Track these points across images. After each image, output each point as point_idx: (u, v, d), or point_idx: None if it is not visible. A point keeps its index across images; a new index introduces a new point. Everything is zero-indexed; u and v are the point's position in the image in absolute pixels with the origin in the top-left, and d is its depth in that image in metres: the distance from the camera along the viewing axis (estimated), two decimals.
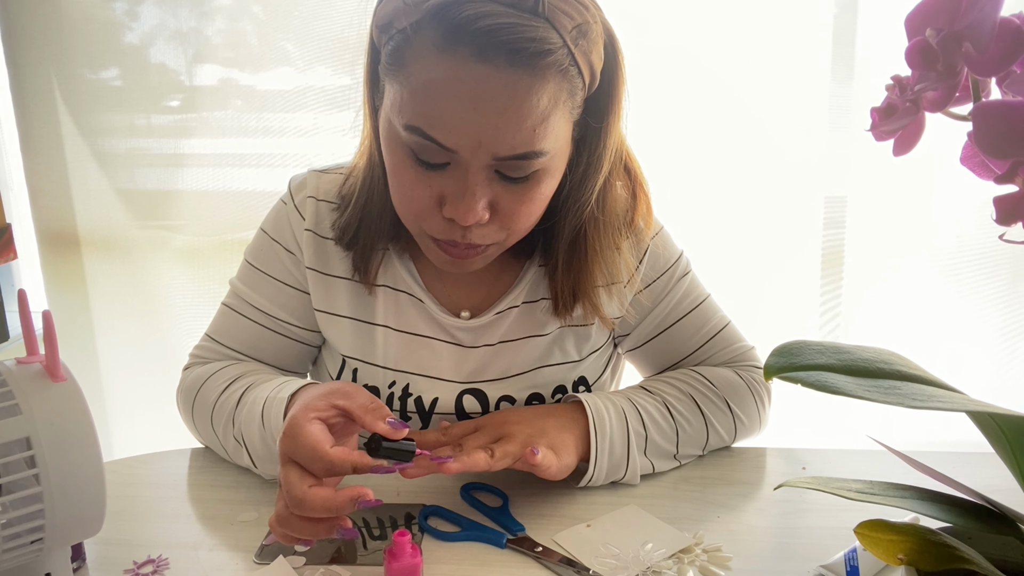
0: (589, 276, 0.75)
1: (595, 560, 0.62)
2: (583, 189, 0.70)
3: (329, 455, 0.55)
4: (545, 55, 0.58)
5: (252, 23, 1.37)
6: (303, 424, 0.57)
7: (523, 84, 0.58)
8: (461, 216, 0.63)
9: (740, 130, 1.27)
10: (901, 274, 1.32)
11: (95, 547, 0.65)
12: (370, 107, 0.70)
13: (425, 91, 0.59)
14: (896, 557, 0.45)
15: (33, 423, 0.49)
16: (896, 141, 0.43)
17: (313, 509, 0.55)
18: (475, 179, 0.62)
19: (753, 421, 0.81)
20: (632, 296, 0.81)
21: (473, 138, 0.60)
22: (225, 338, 0.82)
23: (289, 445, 0.57)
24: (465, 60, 0.57)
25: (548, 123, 0.61)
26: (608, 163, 0.70)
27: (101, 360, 1.57)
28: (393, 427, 0.58)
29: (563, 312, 0.77)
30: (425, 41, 0.59)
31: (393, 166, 0.66)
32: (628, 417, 0.73)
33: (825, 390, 0.41)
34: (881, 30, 1.22)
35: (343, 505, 0.55)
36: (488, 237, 0.67)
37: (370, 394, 0.61)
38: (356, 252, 0.77)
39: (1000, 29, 0.35)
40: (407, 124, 0.61)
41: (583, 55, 0.61)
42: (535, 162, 0.62)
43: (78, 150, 1.44)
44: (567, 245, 0.74)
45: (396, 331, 0.79)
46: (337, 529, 0.56)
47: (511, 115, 0.59)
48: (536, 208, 0.67)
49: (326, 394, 0.61)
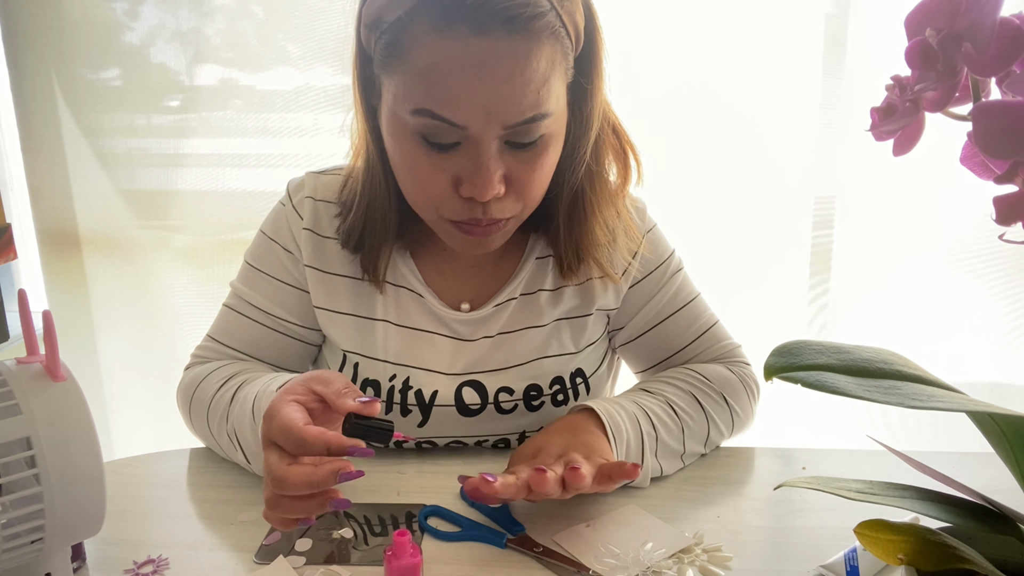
0: (591, 235, 0.77)
1: (595, 560, 0.62)
2: (578, 148, 0.72)
3: (302, 432, 0.55)
4: (538, 18, 0.60)
5: (252, 23, 1.37)
6: (280, 406, 0.58)
7: (522, 50, 0.60)
8: (480, 192, 0.64)
9: (730, 129, 1.28)
10: (890, 274, 1.32)
11: (95, 547, 0.65)
12: (365, 110, 0.71)
13: (429, 73, 0.61)
14: (896, 557, 0.45)
15: (33, 423, 0.49)
16: (896, 141, 0.43)
17: (294, 486, 0.55)
18: (487, 153, 0.64)
19: (747, 414, 0.83)
20: (627, 289, 0.83)
21: (482, 110, 0.61)
22: (226, 338, 0.83)
23: (267, 427, 0.58)
24: (464, 36, 0.59)
25: (549, 84, 0.63)
26: (597, 122, 0.72)
27: (101, 360, 1.57)
28: (364, 404, 0.58)
29: (569, 274, 0.79)
30: (421, 26, 0.60)
31: (404, 158, 0.67)
32: (640, 420, 0.74)
33: (825, 390, 0.41)
34: (873, 30, 1.23)
35: (324, 479, 0.55)
36: (507, 210, 0.68)
37: (346, 379, 0.61)
38: (364, 255, 0.78)
39: (1000, 29, 0.35)
40: (415, 108, 0.62)
41: (568, 16, 0.63)
42: (541, 124, 0.64)
43: (79, 150, 1.44)
44: (567, 207, 0.76)
45: (396, 326, 0.80)
46: (329, 502, 0.56)
47: (515, 81, 0.61)
48: (546, 175, 0.69)
49: (305, 380, 0.62)
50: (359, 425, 0.58)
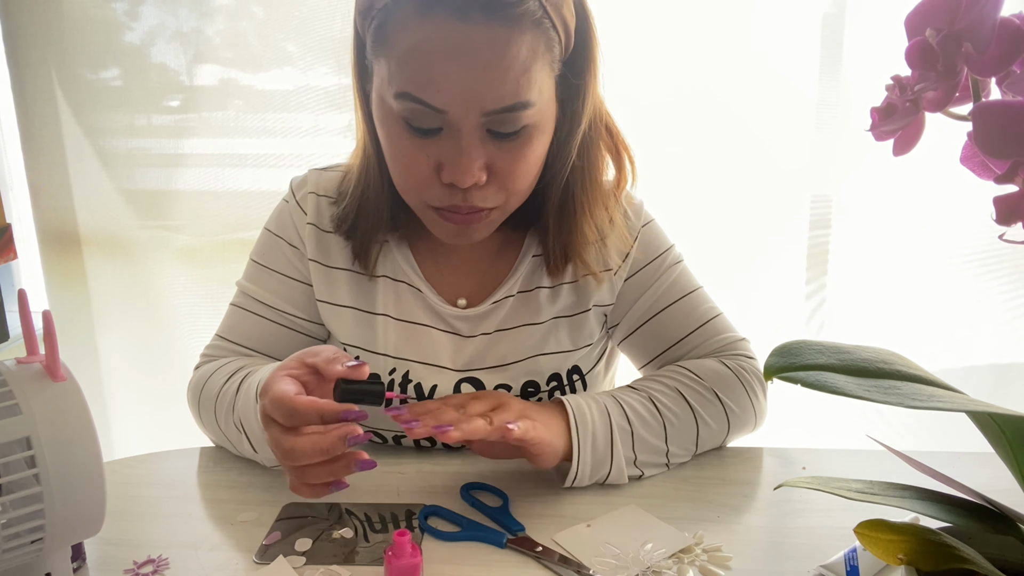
0: (580, 234, 0.77)
1: (595, 560, 0.62)
2: (567, 144, 0.72)
3: (294, 401, 0.57)
4: (518, 4, 0.61)
5: (252, 23, 1.37)
6: (272, 381, 0.59)
7: (501, 36, 0.61)
8: (459, 178, 0.65)
9: (728, 129, 1.28)
10: (887, 274, 1.32)
11: (95, 547, 0.65)
12: (361, 97, 0.73)
13: (411, 57, 0.62)
14: (896, 557, 0.45)
15: (33, 423, 0.49)
16: (896, 141, 0.43)
17: (304, 455, 0.56)
18: (468, 140, 0.64)
19: (746, 411, 0.80)
20: (622, 283, 0.82)
21: (461, 95, 0.62)
22: (234, 335, 0.84)
23: (264, 403, 0.59)
24: (445, 21, 0.60)
25: (530, 73, 0.63)
26: (587, 118, 0.72)
27: (102, 360, 1.57)
28: (352, 369, 0.59)
29: (555, 271, 0.79)
30: (406, 11, 0.62)
31: (390, 141, 0.68)
32: (611, 413, 0.73)
33: (825, 390, 0.41)
34: (870, 31, 1.23)
35: (333, 444, 0.56)
36: (488, 199, 0.69)
37: (337, 348, 0.63)
38: (355, 241, 0.79)
39: (1000, 29, 0.35)
40: (398, 92, 0.64)
41: (554, 9, 0.64)
42: (523, 115, 0.65)
43: (79, 150, 1.44)
44: (556, 204, 0.76)
45: (396, 320, 0.80)
46: (355, 463, 0.57)
47: (494, 67, 0.61)
48: (531, 167, 0.69)
49: (297, 355, 0.63)
50: (350, 390, 0.59)
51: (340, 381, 0.59)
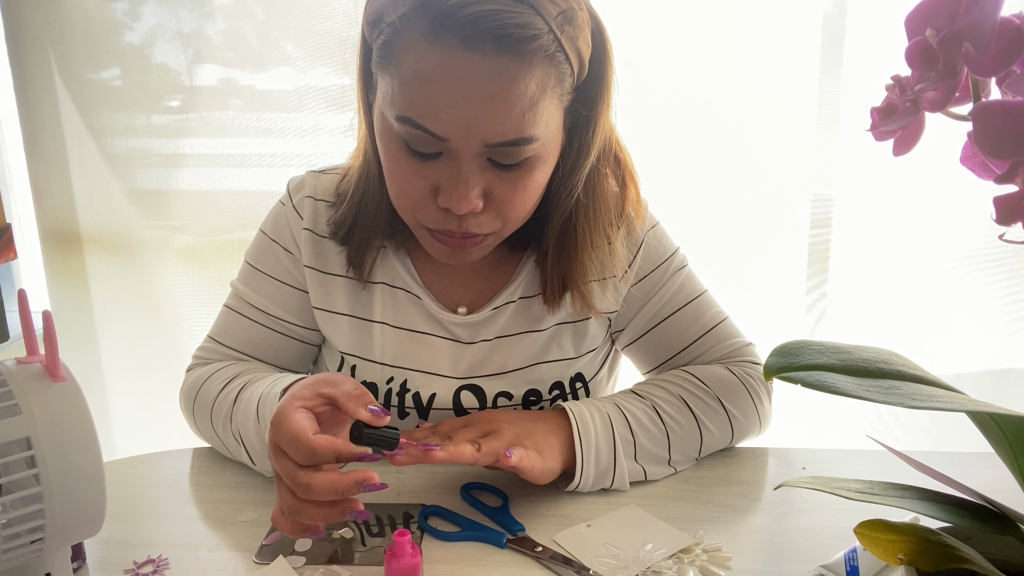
0: (580, 266, 0.75)
1: (595, 560, 0.62)
2: (573, 176, 0.71)
3: (312, 442, 0.55)
4: (530, 40, 0.58)
5: (252, 23, 1.37)
6: (288, 413, 0.57)
7: (510, 70, 0.59)
8: (455, 205, 0.64)
9: (728, 129, 1.28)
10: (888, 274, 1.32)
11: (95, 547, 0.65)
12: (364, 104, 0.71)
13: (415, 81, 0.60)
14: (896, 557, 0.45)
15: (33, 423, 0.49)
16: (896, 141, 0.42)
17: (319, 492, 0.55)
18: (468, 168, 0.63)
19: (750, 418, 0.79)
20: (627, 289, 0.81)
21: (463, 126, 0.60)
22: (226, 339, 0.83)
23: (275, 434, 0.57)
24: (453, 48, 0.58)
25: (537, 109, 0.61)
26: (596, 150, 0.70)
27: (103, 359, 1.57)
28: (375, 414, 0.58)
29: (552, 301, 0.77)
30: (414, 32, 0.60)
31: (388, 159, 0.67)
32: (614, 423, 0.73)
33: (825, 390, 0.41)
34: (871, 31, 1.23)
35: (349, 487, 0.55)
36: (484, 226, 0.67)
37: (355, 382, 0.61)
38: (351, 247, 0.78)
39: (1000, 29, 0.35)
40: (399, 115, 0.62)
41: (570, 41, 0.61)
42: (526, 148, 0.63)
43: (81, 150, 1.44)
44: (557, 233, 0.74)
45: (393, 327, 0.79)
46: (349, 512, 0.56)
47: (499, 101, 0.59)
48: (530, 196, 0.67)
49: (312, 383, 0.61)
50: (368, 434, 0.58)
51: (359, 423, 0.58)
